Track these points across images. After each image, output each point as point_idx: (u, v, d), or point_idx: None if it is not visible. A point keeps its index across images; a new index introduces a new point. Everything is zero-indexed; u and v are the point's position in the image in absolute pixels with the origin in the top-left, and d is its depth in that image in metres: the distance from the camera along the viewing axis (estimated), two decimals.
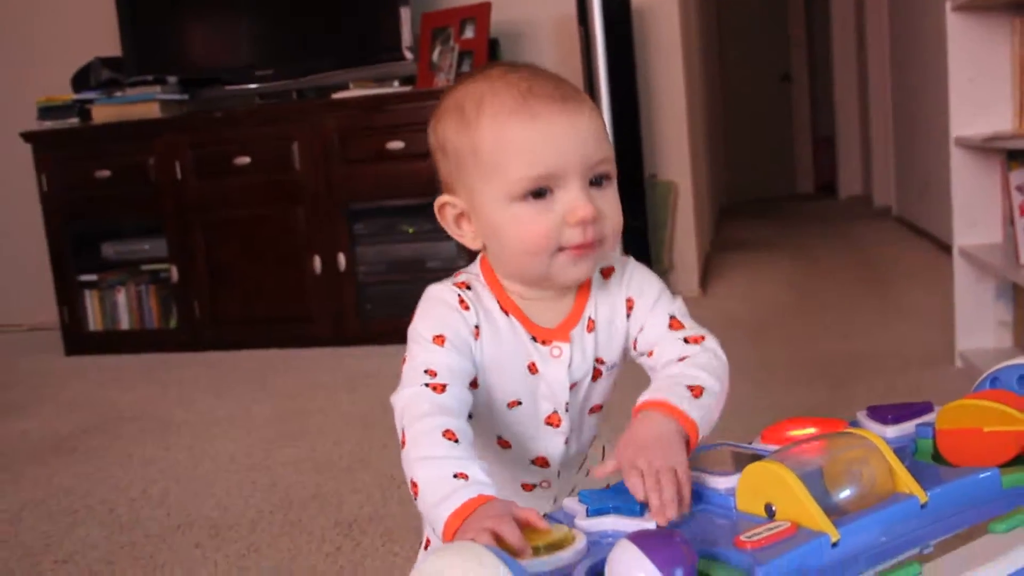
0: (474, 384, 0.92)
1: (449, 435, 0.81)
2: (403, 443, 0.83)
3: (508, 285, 0.95)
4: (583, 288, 0.96)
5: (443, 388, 0.86)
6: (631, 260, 0.99)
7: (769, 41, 7.71)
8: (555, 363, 0.94)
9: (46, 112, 3.62)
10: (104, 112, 3.52)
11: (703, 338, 0.94)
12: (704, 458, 0.83)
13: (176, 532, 1.72)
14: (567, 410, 0.95)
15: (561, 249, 0.88)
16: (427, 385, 0.86)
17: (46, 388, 3.08)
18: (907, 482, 0.73)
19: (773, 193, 7.71)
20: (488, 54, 3.33)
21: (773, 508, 0.70)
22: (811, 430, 0.87)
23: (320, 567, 1.53)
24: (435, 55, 3.42)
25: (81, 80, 3.63)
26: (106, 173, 3.49)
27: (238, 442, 2.26)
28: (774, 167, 7.84)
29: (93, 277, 3.60)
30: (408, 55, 3.39)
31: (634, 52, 3.35)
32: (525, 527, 0.70)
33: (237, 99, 3.57)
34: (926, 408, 0.90)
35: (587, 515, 0.74)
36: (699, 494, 0.77)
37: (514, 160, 0.86)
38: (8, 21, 4.07)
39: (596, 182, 0.89)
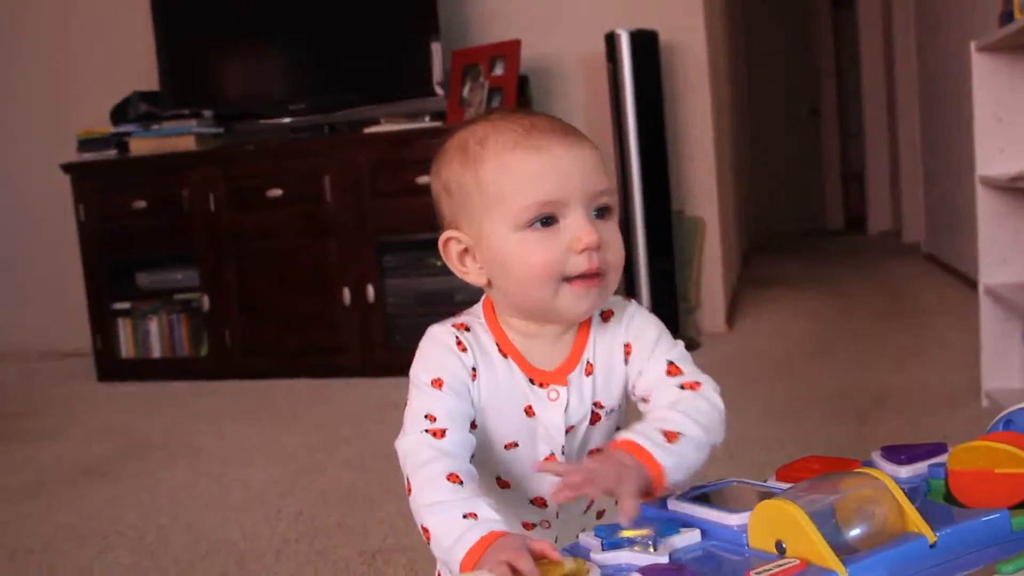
0: (473, 425, 0.94)
1: (453, 478, 0.83)
2: (409, 490, 0.85)
3: (509, 325, 0.96)
4: (582, 330, 0.97)
5: (443, 433, 0.88)
6: (632, 303, 1.00)
7: (798, 75, 7.73)
8: (552, 406, 0.95)
9: (85, 144, 3.71)
10: (141, 145, 3.60)
11: (699, 385, 0.94)
12: (718, 495, 0.85)
13: (203, 559, 1.75)
14: (563, 453, 0.96)
15: (567, 280, 0.90)
16: (427, 431, 0.88)
17: (79, 413, 3.14)
18: (917, 522, 0.75)
19: (802, 228, 7.70)
20: (518, 90, 3.38)
21: (783, 545, 0.72)
22: (824, 469, 0.88)
23: None
24: (465, 91, 3.48)
25: (120, 113, 3.72)
26: (142, 204, 3.57)
27: (266, 471, 2.30)
28: (803, 202, 7.84)
29: (127, 305, 3.67)
30: (439, 91, 3.45)
31: (662, 88, 3.39)
32: (540, 559, 0.72)
33: (270, 132, 3.64)
34: (940, 449, 0.92)
35: (602, 549, 0.76)
36: (711, 531, 0.78)
37: (518, 189, 0.89)
38: (49, 55, 4.19)
39: (599, 214, 0.91)
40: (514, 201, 0.89)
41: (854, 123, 7.48)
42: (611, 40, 3.33)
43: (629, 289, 3.38)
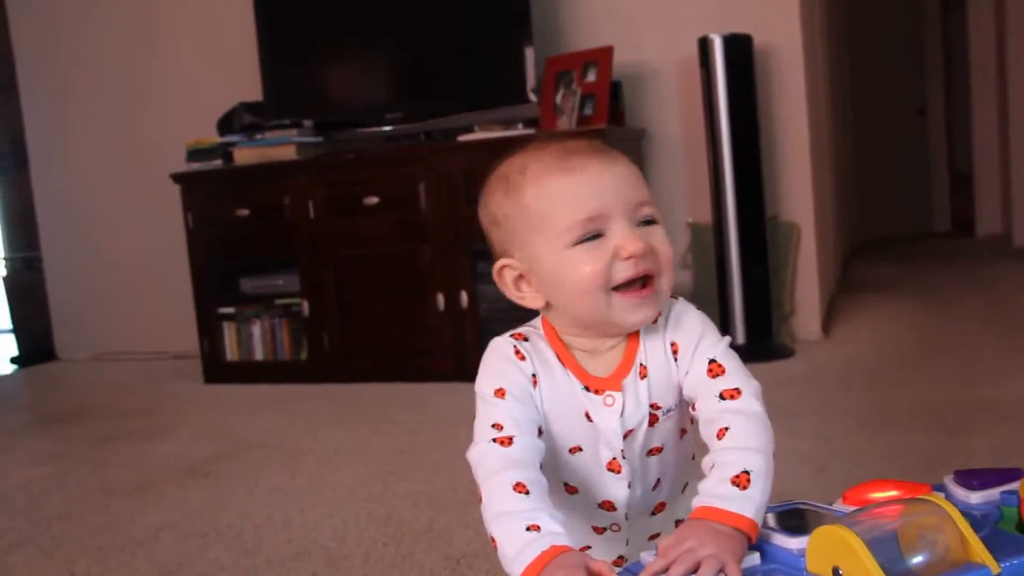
0: (540, 431, 0.97)
1: (520, 488, 0.86)
2: (480, 500, 0.88)
3: (567, 340, 0.99)
4: (633, 336, 0.99)
5: (510, 441, 0.91)
6: (678, 301, 1.01)
7: (904, 74, 7.51)
8: (608, 412, 0.97)
9: (194, 155, 3.87)
10: (245, 154, 3.74)
11: (739, 393, 0.93)
12: (780, 517, 0.85)
13: (295, 559, 1.82)
14: (624, 456, 0.98)
15: (616, 289, 0.92)
16: (495, 440, 0.91)
17: (185, 414, 3.28)
18: (980, 552, 0.74)
19: (907, 231, 7.48)
20: (610, 97, 3.39)
21: (840, 572, 0.73)
22: (892, 493, 0.88)
23: None
24: (558, 98, 3.50)
25: (226, 124, 3.87)
26: (245, 212, 3.71)
27: (358, 473, 2.36)
28: (909, 204, 7.61)
29: (231, 310, 3.81)
30: (532, 97, 3.48)
31: (756, 92, 3.35)
32: None
33: (367, 141, 3.74)
34: (1016, 475, 0.90)
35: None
36: (771, 553, 0.79)
37: (560, 210, 0.92)
38: (161, 70, 4.38)
39: (644, 224, 0.94)
40: (559, 222, 0.93)
41: (962, 124, 7.22)
42: (704, 45, 3.31)
43: (722, 295, 3.36)
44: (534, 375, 0.97)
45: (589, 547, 1.06)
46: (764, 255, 3.37)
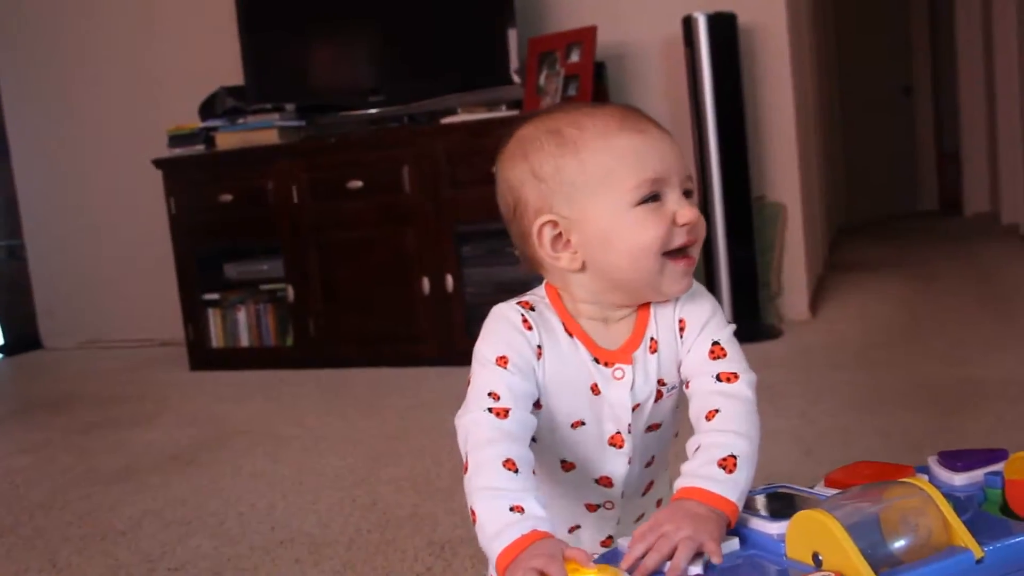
0: (538, 406, 0.95)
1: (510, 465, 0.84)
2: (466, 469, 0.86)
3: (575, 308, 0.98)
4: (643, 310, 0.98)
5: (506, 413, 0.89)
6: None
7: (890, 53, 7.48)
8: (617, 385, 0.96)
9: (175, 140, 3.82)
10: (227, 139, 3.70)
11: (736, 377, 0.93)
12: (761, 501, 0.84)
13: (279, 547, 1.81)
14: (630, 431, 0.97)
15: (668, 255, 0.93)
16: (490, 410, 0.89)
17: (171, 401, 3.25)
18: (963, 536, 0.73)
19: (895, 211, 7.48)
20: (594, 77, 3.36)
21: (820, 557, 0.71)
22: (875, 476, 0.86)
23: None
24: (541, 79, 3.47)
25: (207, 109, 3.83)
26: (229, 197, 3.67)
27: (344, 459, 2.35)
28: (896, 184, 7.61)
29: (216, 296, 3.78)
30: (515, 79, 3.45)
31: (741, 72, 3.32)
32: (572, 567, 0.73)
33: (350, 124, 3.70)
34: (999, 456, 0.89)
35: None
36: (751, 538, 0.78)
37: (628, 167, 0.92)
38: (141, 55, 4.33)
39: (687, 194, 0.95)
40: (625, 179, 0.92)
41: (949, 102, 7.21)
42: (688, 24, 3.28)
43: (709, 276, 3.34)
44: (539, 346, 0.95)
45: (579, 526, 1.04)
46: (750, 236, 3.36)
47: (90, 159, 4.51)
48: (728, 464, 0.85)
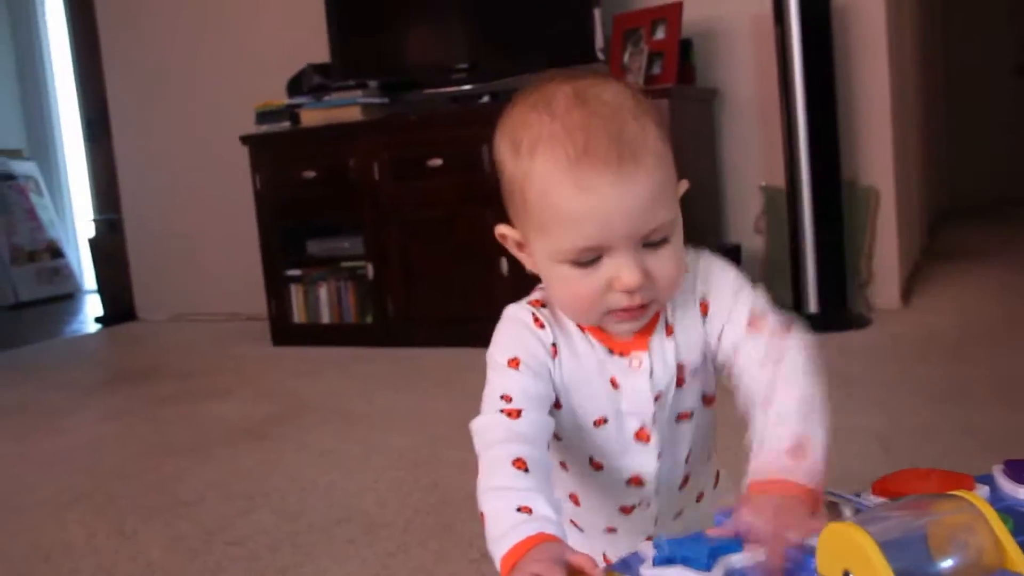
0: (558, 405, 0.91)
1: (519, 464, 0.80)
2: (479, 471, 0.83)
3: None
4: None
5: (518, 414, 0.85)
6: (703, 254, 0.93)
7: (1000, 31, 7.11)
8: (636, 375, 0.90)
9: (263, 117, 3.87)
10: (312, 116, 3.72)
11: (784, 345, 0.86)
12: None
13: (336, 525, 1.80)
14: (655, 422, 0.92)
15: (609, 311, 0.86)
16: (502, 411, 0.85)
17: (249, 375, 3.31)
18: (1016, 559, 0.66)
19: (1003, 195, 7.12)
20: (680, 55, 3.27)
21: (851, 575, 0.65)
22: (926, 485, 0.80)
23: (460, 574, 1.56)
24: (626, 57, 3.40)
25: (295, 86, 3.86)
26: (312, 174, 3.70)
27: (409, 438, 2.34)
28: (1006, 167, 7.24)
29: (298, 272, 3.82)
30: (600, 56, 3.38)
31: (833, 51, 3.18)
32: (577, 574, 0.69)
33: (433, 102, 3.68)
34: None
35: (653, 564, 0.71)
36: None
37: (559, 228, 0.83)
38: (235, 34, 4.40)
39: (652, 244, 0.84)
40: (555, 237, 0.83)
41: None
42: (779, 0, 3.16)
43: (795, 262, 3.23)
44: (553, 344, 0.91)
45: (615, 529, 1.00)
46: (840, 220, 3.22)
47: (184, 137, 4.61)
48: (798, 449, 0.78)
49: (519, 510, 0.76)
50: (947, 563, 0.66)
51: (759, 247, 3.52)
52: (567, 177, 0.81)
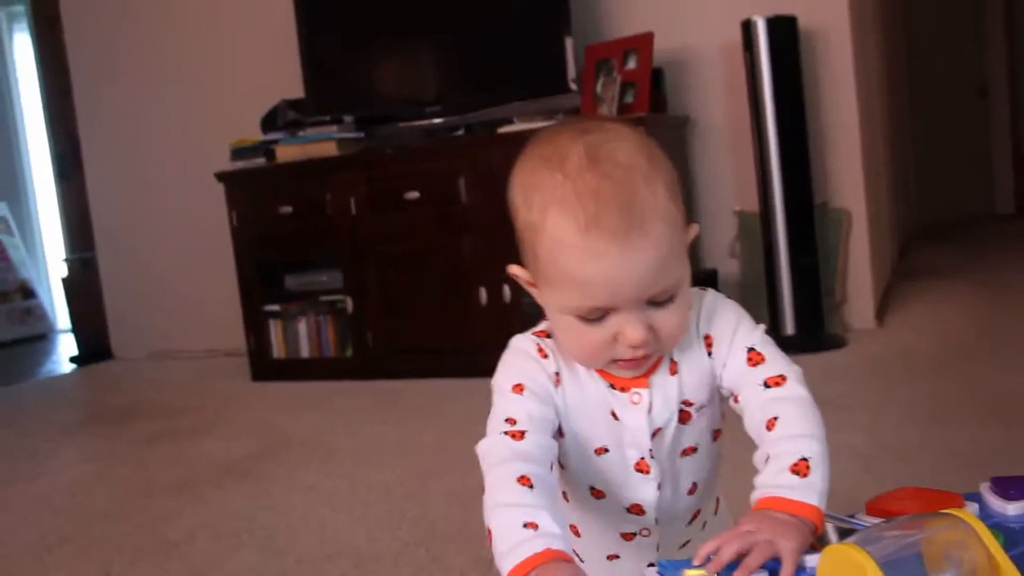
0: (561, 434, 0.93)
1: (524, 481, 0.82)
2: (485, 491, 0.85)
3: None
4: None
5: (522, 435, 0.87)
6: (708, 293, 0.96)
7: (964, 53, 7.27)
8: (634, 410, 0.93)
9: (237, 153, 3.88)
10: (287, 152, 3.74)
11: (784, 379, 0.90)
12: None
13: (326, 561, 1.80)
14: (652, 457, 0.94)
15: (613, 360, 0.89)
16: (506, 433, 0.88)
17: (230, 411, 3.29)
18: (1009, 572, 0.68)
19: (969, 214, 7.25)
20: (652, 84, 3.32)
21: None
22: (918, 503, 0.82)
23: None
24: (598, 87, 3.44)
25: (269, 122, 3.88)
26: (288, 209, 3.71)
27: (396, 471, 2.34)
28: (970, 187, 7.38)
29: (277, 307, 3.82)
30: (573, 87, 3.42)
31: (802, 77, 3.24)
32: None
33: (408, 136, 3.71)
34: None
35: None
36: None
37: (567, 288, 0.85)
38: (207, 70, 4.41)
39: (658, 303, 0.86)
40: (563, 294, 0.86)
41: None
42: (747, 28, 3.22)
43: (770, 285, 3.27)
44: (557, 373, 0.93)
45: (617, 556, 1.01)
46: (813, 243, 3.27)
47: (158, 173, 4.61)
48: (800, 469, 0.82)
49: (525, 526, 0.77)
50: None
51: (735, 271, 3.57)
52: (577, 242, 0.82)
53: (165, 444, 2.91)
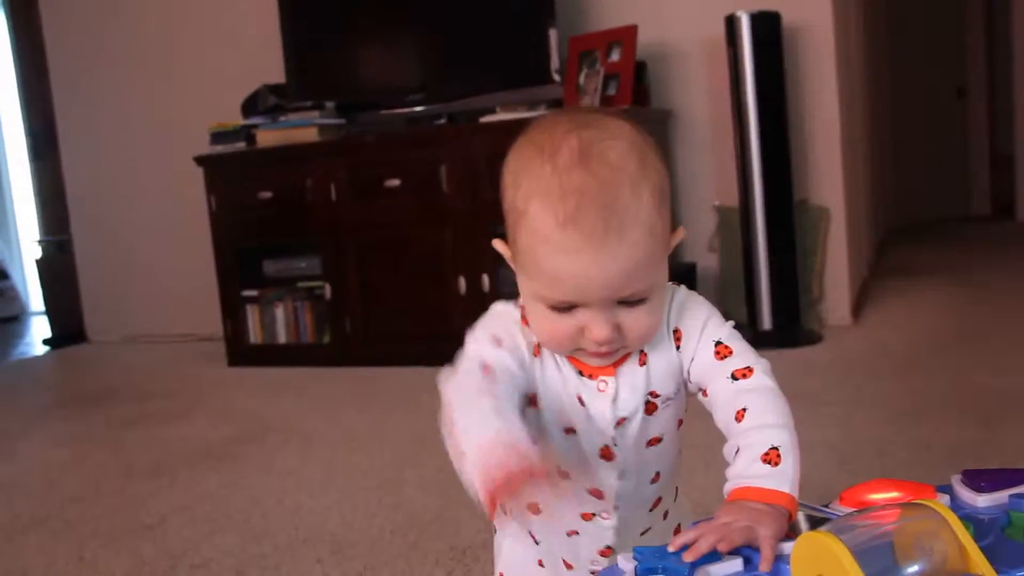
0: (534, 404, 0.93)
1: (498, 408, 0.82)
2: (446, 423, 0.84)
3: None
4: None
5: (495, 378, 0.86)
6: (680, 289, 0.97)
7: (944, 54, 7.33)
8: (600, 397, 0.93)
9: (217, 137, 3.86)
10: (267, 137, 3.72)
11: (751, 371, 0.90)
12: None
13: (302, 546, 1.80)
14: (615, 445, 0.94)
15: (579, 349, 0.89)
16: (480, 369, 0.87)
17: (207, 397, 3.28)
18: (980, 563, 0.69)
19: (946, 214, 7.32)
20: (635, 77, 3.33)
21: None
22: (892, 495, 0.83)
23: None
24: (581, 78, 3.44)
25: (250, 106, 3.85)
26: (268, 194, 3.69)
27: (372, 458, 2.34)
28: (948, 187, 7.45)
29: (254, 293, 3.80)
30: (556, 78, 3.43)
31: (784, 73, 3.26)
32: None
33: (390, 123, 3.70)
34: None
35: (635, 574, 0.73)
36: (756, 559, 0.75)
37: (539, 278, 0.86)
38: (188, 53, 4.37)
39: (628, 303, 0.86)
40: (535, 283, 0.87)
41: (1004, 104, 7.04)
42: (731, 23, 3.23)
43: (748, 280, 3.29)
44: (538, 344, 0.93)
45: (577, 532, 1.02)
46: (792, 239, 3.30)
47: (137, 155, 4.57)
48: (772, 457, 0.83)
49: (497, 432, 0.78)
50: (913, 568, 0.70)
51: (713, 265, 3.58)
52: (553, 237, 0.83)
53: (140, 428, 2.90)
